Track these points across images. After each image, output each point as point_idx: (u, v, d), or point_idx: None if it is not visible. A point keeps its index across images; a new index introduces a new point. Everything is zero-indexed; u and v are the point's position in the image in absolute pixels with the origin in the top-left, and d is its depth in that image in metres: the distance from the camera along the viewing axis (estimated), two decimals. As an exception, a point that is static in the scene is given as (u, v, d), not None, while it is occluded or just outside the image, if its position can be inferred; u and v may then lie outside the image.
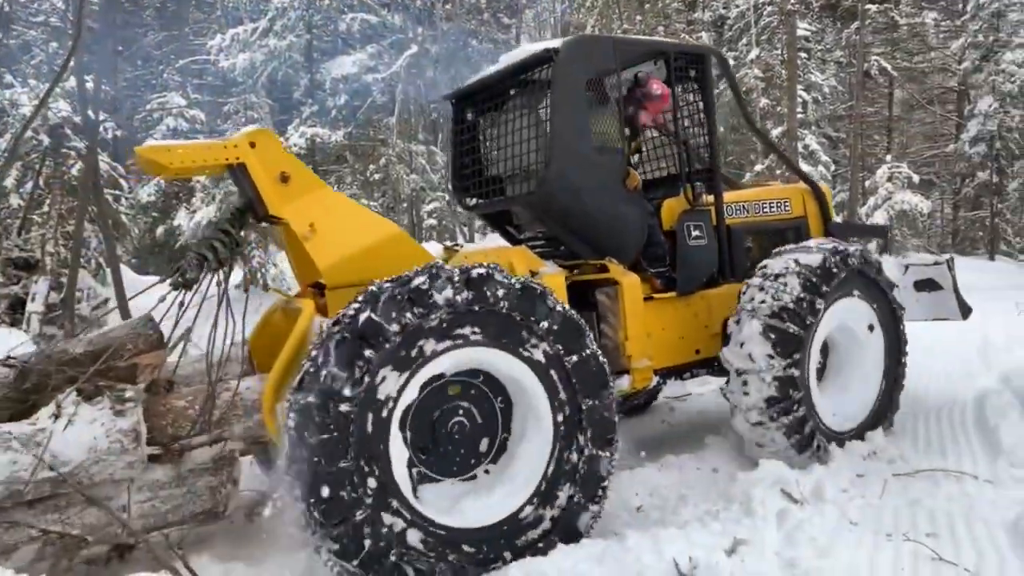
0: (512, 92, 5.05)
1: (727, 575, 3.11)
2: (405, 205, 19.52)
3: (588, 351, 3.62)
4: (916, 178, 19.85)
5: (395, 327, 3.16)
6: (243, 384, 3.77)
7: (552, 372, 3.55)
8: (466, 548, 3.32)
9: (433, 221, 20.19)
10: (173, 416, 3.61)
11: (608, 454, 3.66)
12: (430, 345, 3.27)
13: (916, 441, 5.06)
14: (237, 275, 11.34)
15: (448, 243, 5.05)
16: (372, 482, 3.12)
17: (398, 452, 3.24)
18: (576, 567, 3.21)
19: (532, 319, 3.48)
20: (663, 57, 5.03)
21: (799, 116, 17.70)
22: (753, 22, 20.31)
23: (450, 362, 3.38)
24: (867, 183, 20.57)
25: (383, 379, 3.17)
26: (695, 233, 4.93)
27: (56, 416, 3.21)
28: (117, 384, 3.46)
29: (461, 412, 3.56)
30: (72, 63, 9.31)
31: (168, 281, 3.84)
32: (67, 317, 9.69)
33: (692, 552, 3.26)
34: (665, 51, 5.05)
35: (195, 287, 3.79)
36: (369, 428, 3.13)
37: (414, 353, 3.24)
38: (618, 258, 4.66)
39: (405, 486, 3.25)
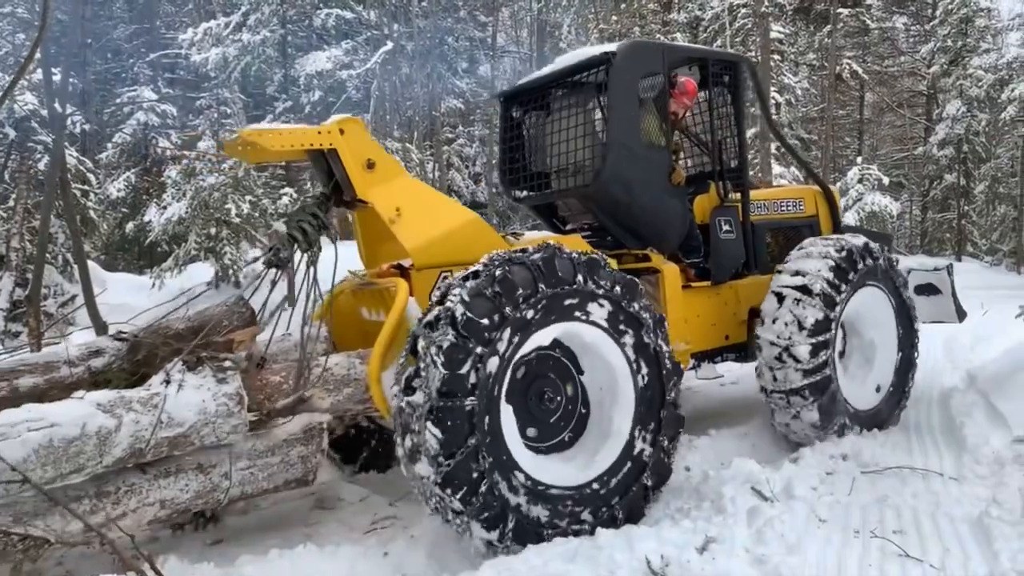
0: (564, 92, 5.39)
1: (698, 572, 3.13)
2: (380, 203, 19.41)
3: (663, 337, 4.03)
4: (886, 180, 20.15)
5: (527, 290, 3.52)
6: (331, 360, 3.97)
7: (637, 353, 3.90)
8: (559, 506, 3.61)
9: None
10: (269, 390, 3.79)
11: (674, 444, 4.05)
12: (547, 314, 3.62)
13: (885, 439, 5.12)
14: (208, 272, 11.22)
15: (512, 231, 5.32)
16: (488, 420, 3.43)
17: (508, 406, 3.60)
18: (547, 565, 3.20)
19: (630, 305, 3.87)
20: (701, 63, 5.39)
21: (773, 118, 17.90)
22: (728, 24, 20.47)
23: (557, 333, 3.74)
24: (838, 184, 20.84)
25: (507, 334, 3.48)
26: (725, 227, 5.27)
27: (167, 382, 3.44)
28: (218, 354, 3.69)
29: (549, 385, 3.89)
30: (38, 55, 9.12)
31: (262, 260, 4.09)
32: (32, 314, 9.50)
33: (664, 550, 3.28)
34: (704, 57, 5.41)
35: (287, 266, 4.03)
36: (492, 370, 3.44)
37: (532, 317, 3.56)
38: (660, 248, 5.00)
39: (511, 433, 3.58)
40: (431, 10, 21.08)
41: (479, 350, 3.36)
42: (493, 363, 3.43)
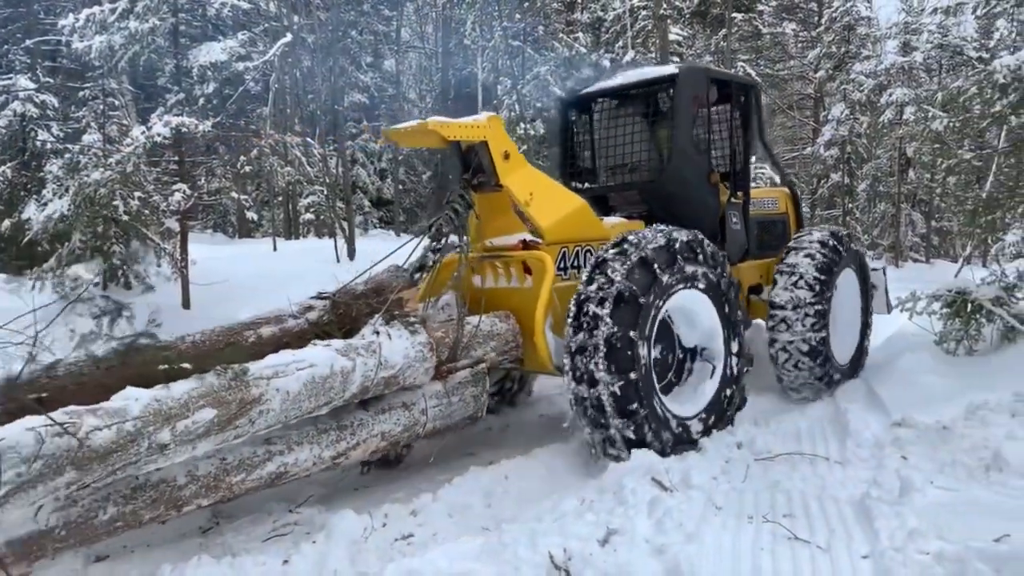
0: (628, 102, 6.38)
1: (600, 565, 3.18)
2: (280, 199, 18.82)
3: (737, 297, 5.21)
4: (778, 179, 21.02)
5: (672, 260, 4.67)
6: (475, 320, 4.73)
7: (724, 311, 5.05)
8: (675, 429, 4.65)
9: (311, 216, 19.62)
10: (435, 343, 4.43)
11: (743, 380, 5.25)
12: (680, 281, 4.73)
13: (776, 428, 5.37)
14: (95, 272, 10.61)
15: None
16: (644, 360, 4.47)
17: (653, 352, 4.66)
18: (453, 565, 3.19)
19: (723, 274, 5.04)
20: (727, 85, 6.30)
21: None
22: (629, 25, 20.93)
23: (681, 296, 4.78)
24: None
25: (654, 295, 4.53)
26: (734, 219, 6.28)
27: (377, 333, 4.16)
28: (405, 311, 4.51)
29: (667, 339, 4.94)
30: None
31: (428, 235, 4.98)
32: None
33: (567, 544, 3.32)
34: (729, 80, 6.37)
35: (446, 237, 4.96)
36: (649, 324, 4.53)
37: (670, 283, 4.65)
38: None
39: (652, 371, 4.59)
40: (333, 2, 20.61)
41: (642, 301, 4.45)
42: (647, 316, 4.50)
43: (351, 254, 13.87)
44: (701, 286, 4.88)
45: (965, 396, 5.18)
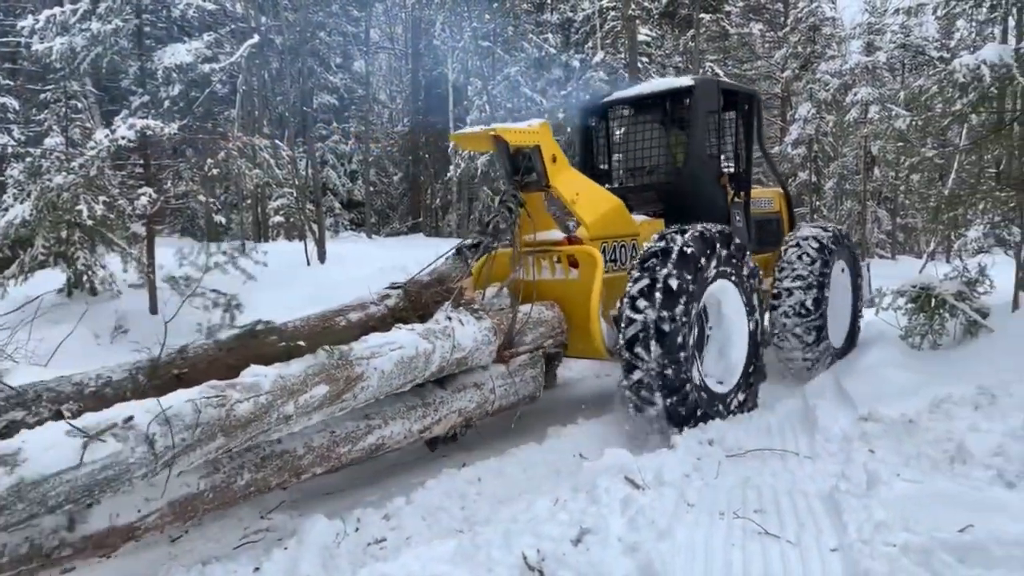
0: (645, 109, 6.97)
1: (573, 564, 3.18)
2: (249, 202, 18.60)
3: (759, 284, 5.89)
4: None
5: (712, 252, 5.25)
6: (526, 308, 5.20)
7: (750, 297, 5.70)
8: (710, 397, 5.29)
9: (280, 218, 19.42)
10: (496, 328, 4.89)
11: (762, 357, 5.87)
12: (716, 270, 5.33)
13: (748, 424, 5.42)
14: (60, 279, 10.39)
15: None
16: (690, 344, 5.06)
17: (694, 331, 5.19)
18: (425, 569, 3.17)
19: (747, 264, 5.66)
20: (733, 95, 6.84)
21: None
22: (598, 26, 21.04)
23: (717, 285, 5.40)
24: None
25: (696, 288, 5.09)
26: (738, 217, 6.82)
27: (449, 319, 4.60)
28: (468, 299, 5.01)
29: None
30: None
31: (486, 231, 5.38)
32: None
33: (540, 544, 3.31)
34: (736, 91, 6.93)
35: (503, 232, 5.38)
36: (693, 311, 5.08)
37: (709, 274, 5.24)
38: None
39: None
40: (301, 3, 20.44)
41: (689, 289, 4.97)
42: (691, 304, 5.01)
43: (321, 257, 13.75)
44: (733, 277, 5.50)
45: (930, 389, 5.28)
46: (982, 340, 6.13)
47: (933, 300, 6.45)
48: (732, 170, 6.87)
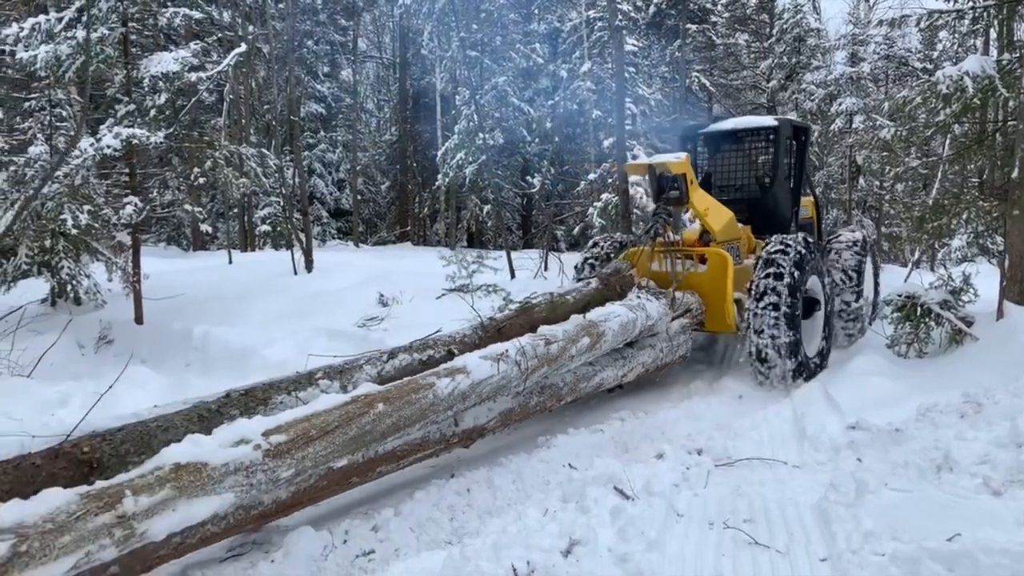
0: (732, 139, 8.61)
1: (563, 576, 3.17)
2: (236, 211, 18.50)
3: (831, 279, 7.54)
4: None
5: (812, 255, 6.75)
6: (679, 295, 6.82)
7: (826, 289, 7.11)
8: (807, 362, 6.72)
9: (267, 227, 19.33)
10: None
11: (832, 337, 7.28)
12: (813, 270, 6.84)
13: (737, 432, 5.42)
14: (44, 288, 10.29)
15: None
16: (799, 323, 6.50)
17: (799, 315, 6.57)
18: (415, 581, 3.15)
19: (822, 264, 7.10)
20: (797, 129, 8.37)
21: (628, 128, 18.59)
22: (585, 36, 21.12)
23: (811, 279, 6.84)
24: (691, 191, 21.88)
25: (803, 281, 6.57)
26: (793, 224, 8.33)
27: (639, 297, 6.36)
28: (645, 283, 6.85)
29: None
30: None
31: (648, 235, 7.01)
32: None
33: (530, 556, 3.29)
34: (800, 126, 8.52)
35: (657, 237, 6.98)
36: (800, 298, 6.52)
37: (807, 269, 6.63)
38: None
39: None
40: (289, 12, 20.40)
41: (801, 280, 6.49)
42: (800, 293, 6.46)
43: (308, 266, 13.68)
44: (817, 271, 6.90)
45: (916, 398, 5.31)
46: (967, 349, 6.17)
47: (919, 309, 6.50)
48: (793, 187, 8.37)
